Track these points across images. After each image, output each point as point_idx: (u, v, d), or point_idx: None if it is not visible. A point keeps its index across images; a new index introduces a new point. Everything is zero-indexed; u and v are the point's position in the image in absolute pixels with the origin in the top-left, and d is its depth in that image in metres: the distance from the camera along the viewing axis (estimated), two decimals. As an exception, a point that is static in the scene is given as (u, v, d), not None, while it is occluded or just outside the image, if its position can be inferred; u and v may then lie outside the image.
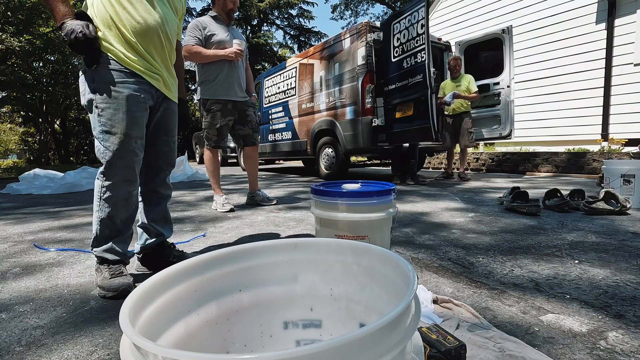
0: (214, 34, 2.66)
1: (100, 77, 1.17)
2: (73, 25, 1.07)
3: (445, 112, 4.74)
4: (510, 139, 5.14)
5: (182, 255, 1.49)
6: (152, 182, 1.43)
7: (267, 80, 6.58)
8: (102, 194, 1.22)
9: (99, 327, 1.00)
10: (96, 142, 1.22)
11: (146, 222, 1.45)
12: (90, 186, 4.68)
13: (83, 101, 1.22)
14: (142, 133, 1.26)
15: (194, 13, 18.31)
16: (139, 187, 1.40)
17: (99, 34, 1.17)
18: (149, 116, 1.33)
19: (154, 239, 1.45)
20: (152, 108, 1.34)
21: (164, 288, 0.46)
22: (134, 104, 1.21)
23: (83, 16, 1.12)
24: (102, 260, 1.26)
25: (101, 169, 1.22)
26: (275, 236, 1.97)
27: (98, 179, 1.23)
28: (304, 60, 5.56)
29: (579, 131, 6.29)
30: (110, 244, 1.25)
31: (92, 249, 1.26)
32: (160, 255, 1.46)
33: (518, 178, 5.03)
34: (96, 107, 1.17)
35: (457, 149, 5.03)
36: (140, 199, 1.44)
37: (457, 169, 5.57)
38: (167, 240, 1.51)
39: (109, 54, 1.18)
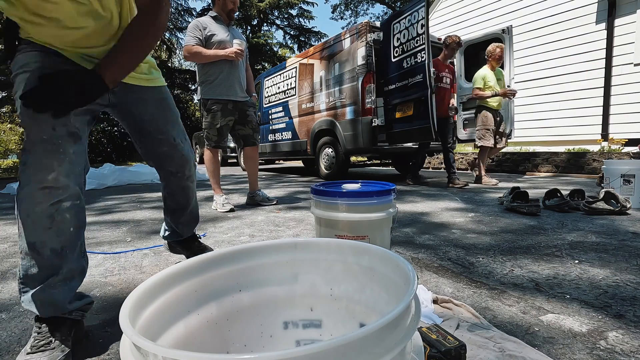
0: (214, 34, 2.66)
1: (16, 63, 0.88)
2: None
3: (495, 107, 4.20)
4: (510, 139, 5.14)
5: (205, 249, 1.47)
6: (168, 188, 1.26)
7: (267, 80, 6.58)
8: (18, 212, 0.84)
9: (98, 327, 1.00)
10: None
11: (174, 226, 1.35)
12: (90, 186, 4.67)
13: None
14: (68, 118, 0.87)
15: (193, 13, 18.32)
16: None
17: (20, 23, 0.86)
18: (122, 117, 1.09)
19: (181, 238, 1.41)
20: (120, 105, 1.05)
21: (164, 288, 0.46)
22: None
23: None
24: (36, 318, 0.87)
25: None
26: (275, 236, 1.97)
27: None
28: (304, 60, 5.56)
29: (579, 131, 6.29)
30: (39, 288, 0.84)
31: (20, 299, 0.87)
32: (186, 245, 1.44)
33: (518, 178, 5.03)
34: (15, 99, 0.87)
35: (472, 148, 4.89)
36: (163, 199, 1.32)
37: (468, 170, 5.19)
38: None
39: (30, 38, 0.89)
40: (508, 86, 5.09)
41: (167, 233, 1.43)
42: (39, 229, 0.83)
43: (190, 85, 17.68)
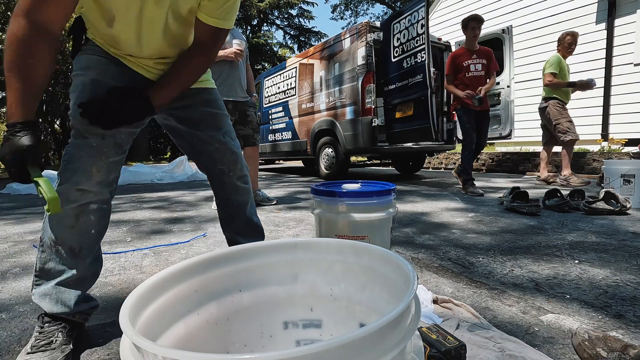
0: (214, 34, 2.66)
1: (77, 62, 0.93)
2: (9, 149, 0.72)
3: (566, 100, 3.81)
4: (510, 139, 5.15)
5: None
6: (222, 189, 1.18)
7: (267, 80, 6.58)
8: None
9: (99, 327, 1.00)
10: None
11: (229, 235, 1.25)
12: (90, 186, 4.67)
13: None
14: (115, 130, 0.90)
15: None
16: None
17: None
18: (182, 121, 1.09)
19: None
20: (176, 110, 1.06)
21: (164, 288, 0.46)
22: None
23: (33, 127, 0.76)
24: (38, 317, 0.90)
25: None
26: (275, 236, 1.97)
27: None
28: (304, 60, 5.56)
29: (579, 131, 6.26)
30: (52, 284, 0.87)
31: (32, 291, 0.90)
32: None
33: (518, 178, 5.03)
34: (69, 98, 0.93)
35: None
36: (217, 208, 1.24)
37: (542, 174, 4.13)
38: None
39: (95, 40, 0.94)
40: (510, 86, 5.06)
41: None
42: (62, 226, 0.86)
43: (190, 85, 17.66)
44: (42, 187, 0.73)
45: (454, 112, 3.59)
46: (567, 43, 3.77)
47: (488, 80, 3.46)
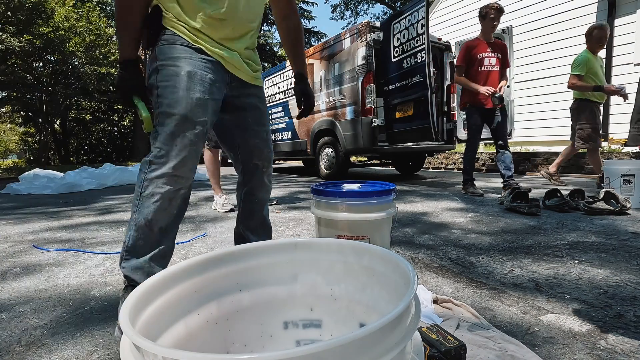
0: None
1: (161, 53, 0.98)
2: (122, 83, 0.97)
3: (599, 101, 3.56)
4: (510, 138, 5.13)
5: None
6: (249, 183, 1.22)
7: (267, 80, 6.58)
8: (142, 190, 0.96)
9: (99, 327, 1.00)
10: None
11: (240, 230, 1.27)
12: (90, 186, 4.68)
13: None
14: (207, 118, 0.99)
15: (194, 13, 18.27)
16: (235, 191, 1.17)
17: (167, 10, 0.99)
18: (232, 110, 1.14)
19: None
20: (231, 98, 1.11)
21: (164, 288, 0.46)
22: (199, 84, 0.97)
23: (136, 66, 0.98)
24: (129, 282, 0.98)
25: (148, 157, 0.97)
26: (275, 236, 1.97)
27: (142, 170, 0.97)
28: (304, 60, 5.56)
29: (579, 131, 6.28)
30: (145, 259, 0.96)
31: (120, 264, 0.98)
32: None
33: (518, 178, 5.03)
34: (156, 86, 0.97)
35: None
36: (239, 200, 1.27)
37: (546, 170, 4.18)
38: None
39: (173, 29, 0.98)
40: (510, 86, 5.04)
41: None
42: (158, 209, 0.95)
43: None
44: (139, 109, 0.95)
45: (462, 110, 3.44)
46: (597, 37, 3.43)
47: (502, 77, 3.28)
